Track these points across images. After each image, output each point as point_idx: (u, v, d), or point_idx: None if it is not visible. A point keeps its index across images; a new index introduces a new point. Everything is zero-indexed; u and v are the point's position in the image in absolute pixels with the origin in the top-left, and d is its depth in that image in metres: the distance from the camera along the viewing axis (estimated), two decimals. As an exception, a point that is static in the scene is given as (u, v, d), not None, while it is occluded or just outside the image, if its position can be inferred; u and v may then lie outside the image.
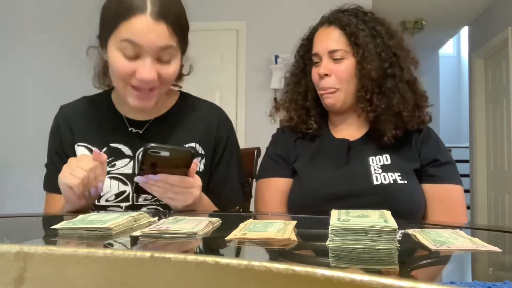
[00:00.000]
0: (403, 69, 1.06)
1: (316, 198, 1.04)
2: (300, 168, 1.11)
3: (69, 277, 0.32)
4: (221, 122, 1.11)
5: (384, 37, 1.08)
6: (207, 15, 3.89)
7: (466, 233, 0.61)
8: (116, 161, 1.03)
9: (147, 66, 0.90)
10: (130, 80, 0.93)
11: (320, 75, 1.08)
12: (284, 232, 0.60)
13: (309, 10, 1.19)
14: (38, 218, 0.90)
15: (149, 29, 0.89)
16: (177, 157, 0.86)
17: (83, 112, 1.09)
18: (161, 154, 0.84)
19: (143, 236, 0.61)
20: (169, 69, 0.94)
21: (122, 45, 0.90)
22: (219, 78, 3.85)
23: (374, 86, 1.05)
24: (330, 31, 1.10)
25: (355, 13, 1.12)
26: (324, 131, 1.17)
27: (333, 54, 1.08)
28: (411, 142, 1.09)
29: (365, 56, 1.05)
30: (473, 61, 4.73)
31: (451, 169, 1.08)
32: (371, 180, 1.03)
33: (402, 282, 0.23)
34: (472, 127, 4.72)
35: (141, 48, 0.89)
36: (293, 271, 0.26)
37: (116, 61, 0.91)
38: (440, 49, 6.74)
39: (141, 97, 0.95)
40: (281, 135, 1.21)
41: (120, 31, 0.90)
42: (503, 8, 4.08)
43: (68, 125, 1.07)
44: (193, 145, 1.07)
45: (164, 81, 0.96)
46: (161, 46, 0.90)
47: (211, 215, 0.85)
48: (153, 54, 0.91)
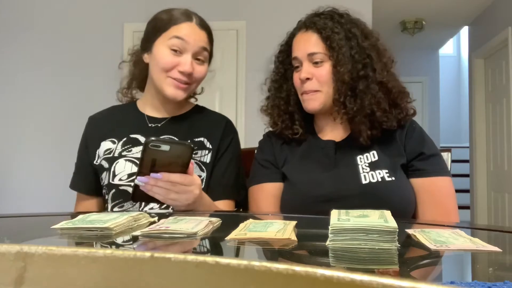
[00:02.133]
0: (375, 70, 1.07)
1: (307, 200, 1.05)
2: (289, 172, 1.12)
3: (69, 277, 0.32)
4: (228, 124, 1.25)
5: (359, 38, 1.08)
6: (207, 15, 3.87)
7: (466, 233, 0.61)
8: (133, 147, 1.15)
9: (188, 61, 1.11)
10: (171, 72, 1.12)
11: (301, 79, 1.10)
12: (284, 232, 0.60)
13: (309, 10, 1.19)
14: (44, 218, 0.90)
15: (195, 32, 1.14)
16: (177, 152, 0.87)
17: (110, 115, 1.26)
18: (162, 148, 0.84)
19: (143, 236, 0.61)
20: (201, 68, 1.16)
21: (171, 41, 1.11)
22: (219, 78, 3.85)
23: (348, 89, 1.06)
24: (308, 36, 1.11)
25: (331, 15, 1.12)
26: (310, 133, 1.18)
27: (312, 57, 1.09)
28: (395, 137, 1.10)
29: (339, 59, 1.06)
30: (473, 61, 4.72)
31: (437, 162, 1.08)
32: (359, 179, 1.04)
33: (402, 282, 0.23)
34: (472, 127, 4.72)
35: (187, 44, 1.11)
36: (293, 271, 0.26)
37: (164, 54, 1.11)
38: (440, 49, 6.74)
39: (178, 86, 1.13)
40: (267, 141, 1.22)
41: (170, 32, 1.12)
42: (503, 8, 4.08)
43: (95, 126, 1.23)
44: (201, 139, 1.18)
45: (196, 79, 1.16)
46: (201, 46, 1.14)
47: (211, 215, 0.85)
48: (194, 53, 1.13)
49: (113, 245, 0.60)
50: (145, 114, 1.22)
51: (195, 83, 1.17)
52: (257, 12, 3.85)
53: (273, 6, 3.85)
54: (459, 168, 5.47)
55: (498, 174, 4.29)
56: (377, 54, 1.09)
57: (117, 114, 1.25)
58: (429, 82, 6.90)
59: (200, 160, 1.16)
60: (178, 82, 1.12)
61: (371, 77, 1.06)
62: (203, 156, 1.17)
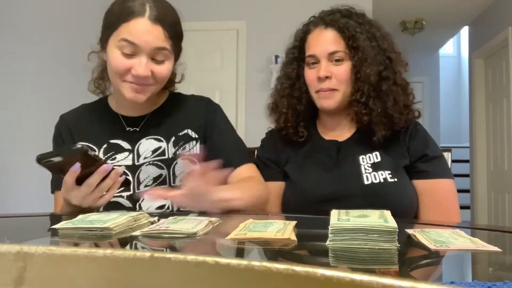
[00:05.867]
0: (396, 73, 1.07)
1: (309, 200, 1.05)
2: (291, 171, 1.12)
3: (69, 277, 0.32)
4: (208, 106, 1.17)
5: (379, 40, 1.08)
6: (207, 15, 3.89)
7: (466, 233, 0.61)
8: (116, 154, 1.09)
9: (142, 63, 0.98)
10: (126, 76, 1.00)
11: (321, 77, 1.07)
12: (284, 232, 0.60)
13: (309, 10, 1.19)
14: (41, 218, 0.90)
15: (147, 30, 0.97)
16: (73, 157, 0.85)
17: (82, 116, 1.17)
18: (56, 160, 0.85)
19: (143, 236, 0.61)
20: (162, 68, 1.02)
21: (120, 44, 0.98)
22: (219, 78, 3.85)
23: (371, 90, 1.05)
24: (327, 33, 1.09)
25: (349, 15, 1.11)
26: (313, 133, 1.17)
27: (332, 55, 1.07)
28: (399, 138, 1.10)
29: (363, 59, 1.05)
30: (473, 61, 4.72)
31: (440, 164, 1.08)
32: (361, 180, 1.04)
33: (402, 282, 0.23)
34: (472, 127, 4.72)
35: (138, 47, 0.97)
36: (293, 271, 0.26)
37: (114, 58, 0.99)
38: (440, 49, 6.74)
39: (136, 90, 1.02)
40: (270, 139, 1.21)
41: (120, 31, 0.98)
42: (503, 8, 4.08)
43: (68, 129, 1.14)
44: (186, 131, 1.12)
45: (158, 80, 1.03)
46: (156, 47, 0.98)
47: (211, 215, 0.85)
48: (149, 53, 0.99)
49: (113, 245, 0.60)
50: (120, 114, 1.13)
51: (158, 84, 1.04)
52: (257, 12, 3.85)
53: (273, 6, 3.85)
54: (459, 168, 5.46)
55: (498, 174, 4.28)
56: (395, 56, 1.09)
57: (89, 115, 1.17)
58: (429, 82, 6.89)
59: (191, 153, 1.11)
60: (135, 85, 1.01)
61: (392, 79, 1.06)
62: (192, 148, 1.11)
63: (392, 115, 1.05)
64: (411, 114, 1.10)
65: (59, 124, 1.17)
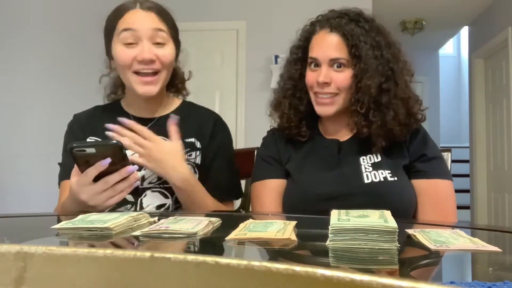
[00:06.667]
0: (398, 85, 1.05)
1: (309, 199, 1.05)
2: (292, 170, 1.12)
3: (69, 277, 0.32)
4: (217, 122, 1.21)
5: (383, 49, 1.06)
6: (207, 15, 3.89)
7: (466, 233, 0.61)
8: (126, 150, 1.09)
9: (145, 47, 1.04)
10: (133, 66, 1.05)
11: (319, 83, 1.07)
12: (284, 232, 0.60)
13: (309, 10, 1.19)
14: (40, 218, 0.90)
15: (141, 16, 1.07)
16: (106, 151, 0.85)
17: (95, 115, 1.22)
18: (88, 152, 0.85)
19: (143, 236, 0.61)
20: (165, 51, 1.07)
21: (121, 36, 1.05)
22: (219, 78, 3.85)
23: (371, 102, 1.04)
24: (331, 37, 1.07)
25: (357, 19, 1.08)
26: (314, 132, 1.17)
27: (334, 62, 1.06)
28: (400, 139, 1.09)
29: (364, 70, 1.03)
30: (473, 61, 4.72)
31: (438, 164, 1.08)
32: (362, 178, 1.04)
33: (402, 282, 0.23)
34: (472, 127, 4.72)
35: (137, 32, 1.05)
36: (293, 271, 0.26)
37: (119, 52, 1.06)
38: (440, 49, 6.74)
39: (146, 82, 1.06)
40: (272, 137, 1.21)
41: (118, 28, 1.07)
42: (503, 8, 4.08)
43: (80, 126, 1.19)
44: (192, 140, 1.16)
45: (164, 64, 1.08)
46: (152, 28, 1.06)
47: (211, 215, 0.85)
48: (149, 37, 1.05)
49: (113, 245, 0.60)
50: (131, 114, 1.17)
51: (164, 70, 1.09)
52: (257, 12, 3.85)
53: (273, 6, 3.85)
54: (459, 168, 5.46)
55: (498, 174, 4.28)
56: (399, 66, 1.07)
57: (101, 114, 1.21)
58: (429, 82, 6.90)
59: (194, 162, 1.14)
60: (143, 77, 1.06)
61: (393, 91, 1.04)
62: (195, 157, 1.15)
63: (392, 129, 1.04)
64: (417, 124, 1.09)
65: (72, 122, 1.22)
